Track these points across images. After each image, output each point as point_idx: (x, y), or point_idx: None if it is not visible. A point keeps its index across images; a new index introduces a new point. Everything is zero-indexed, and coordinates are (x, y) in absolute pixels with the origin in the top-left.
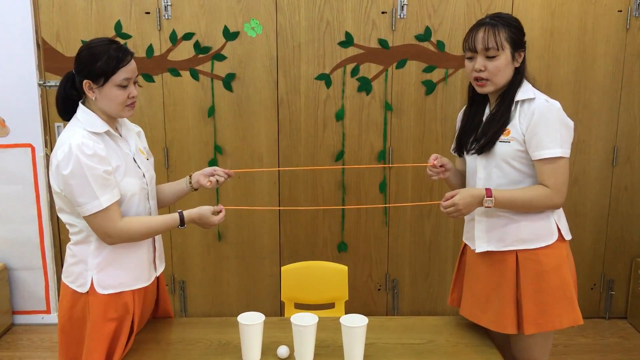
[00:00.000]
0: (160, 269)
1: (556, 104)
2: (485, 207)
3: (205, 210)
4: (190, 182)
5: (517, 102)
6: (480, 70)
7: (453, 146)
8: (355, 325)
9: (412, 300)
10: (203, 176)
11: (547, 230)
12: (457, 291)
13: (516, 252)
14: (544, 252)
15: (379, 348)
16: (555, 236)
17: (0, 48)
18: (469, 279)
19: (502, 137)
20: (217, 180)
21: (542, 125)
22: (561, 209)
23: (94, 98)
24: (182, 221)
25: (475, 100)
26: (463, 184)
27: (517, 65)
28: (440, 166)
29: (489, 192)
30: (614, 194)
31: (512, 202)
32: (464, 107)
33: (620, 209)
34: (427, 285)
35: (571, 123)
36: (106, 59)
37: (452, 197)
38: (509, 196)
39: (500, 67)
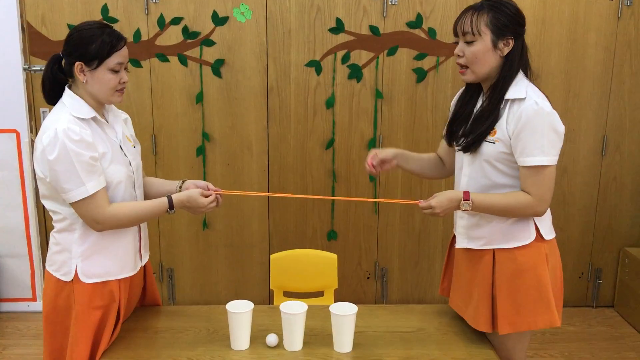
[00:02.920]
0: (145, 258)
1: (546, 108)
2: (463, 210)
3: (194, 192)
4: (180, 187)
5: (508, 100)
6: (459, 56)
7: (444, 132)
8: (344, 313)
9: (401, 288)
10: (194, 186)
11: (524, 230)
12: (447, 281)
13: (493, 250)
14: (520, 251)
15: (368, 336)
16: (533, 236)
17: None
18: (456, 271)
19: (488, 137)
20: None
21: (527, 130)
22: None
23: (84, 81)
24: (171, 205)
25: (471, 87)
26: (426, 170)
27: (502, 54)
28: (381, 162)
29: (466, 195)
30: (603, 184)
31: (490, 207)
32: (461, 90)
33: (609, 199)
34: (416, 273)
35: (562, 128)
36: (100, 42)
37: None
38: (488, 201)
39: (477, 54)
